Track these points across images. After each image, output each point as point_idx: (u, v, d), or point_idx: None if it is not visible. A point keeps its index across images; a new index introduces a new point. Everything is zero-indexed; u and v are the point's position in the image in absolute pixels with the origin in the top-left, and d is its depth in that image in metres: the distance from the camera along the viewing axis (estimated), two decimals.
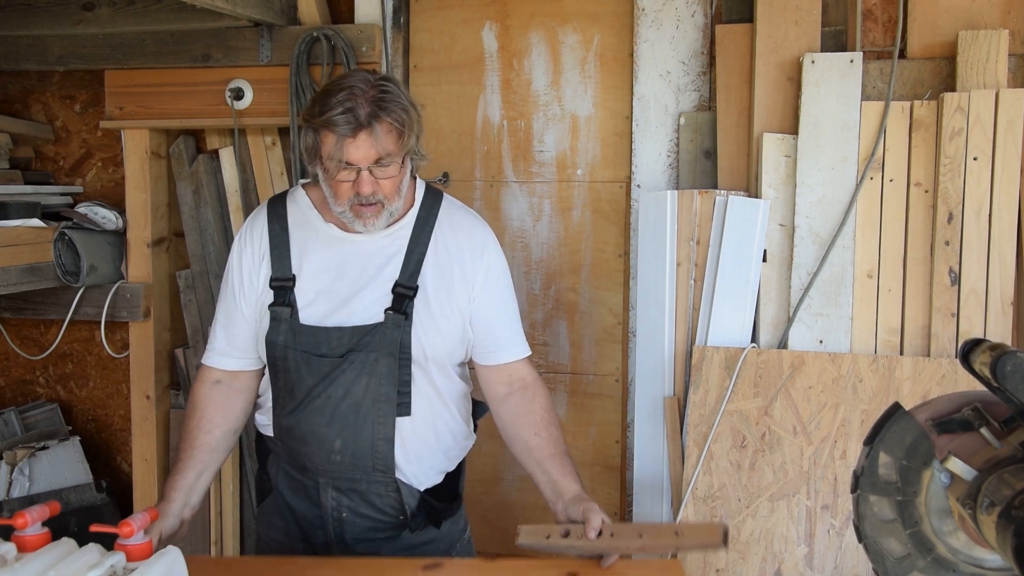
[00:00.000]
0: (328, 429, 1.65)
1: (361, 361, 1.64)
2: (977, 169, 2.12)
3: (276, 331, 1.67)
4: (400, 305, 1.65)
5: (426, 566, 1.57)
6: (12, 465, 2.69)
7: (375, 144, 1.56)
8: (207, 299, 2.85)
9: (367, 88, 1.57)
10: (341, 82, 1.59)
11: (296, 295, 1.68)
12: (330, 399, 1.65)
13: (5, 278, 2.41)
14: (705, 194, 2.28)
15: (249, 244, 1.75)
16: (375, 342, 1.64)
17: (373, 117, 1.55)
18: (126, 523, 1.30)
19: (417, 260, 1.68)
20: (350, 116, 1.54)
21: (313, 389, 1.66)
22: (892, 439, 0.88)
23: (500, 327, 1.77)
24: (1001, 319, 2.13)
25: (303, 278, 1.69)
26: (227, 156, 2.79)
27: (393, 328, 1.64)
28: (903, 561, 0.88)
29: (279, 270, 1.70)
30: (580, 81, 2.68)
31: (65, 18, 2.65)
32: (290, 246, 1.71)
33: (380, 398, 1.65)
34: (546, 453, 1.72)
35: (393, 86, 1.61)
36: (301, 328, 1.66)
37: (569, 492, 1.65)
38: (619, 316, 2.71)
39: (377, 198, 1.61)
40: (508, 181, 2.76)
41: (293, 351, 1.66)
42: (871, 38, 2.35)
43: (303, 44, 2.56)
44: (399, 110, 1.58)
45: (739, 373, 2.17)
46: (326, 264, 1.69)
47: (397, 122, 1.57)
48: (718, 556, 2.16)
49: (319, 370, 1.65)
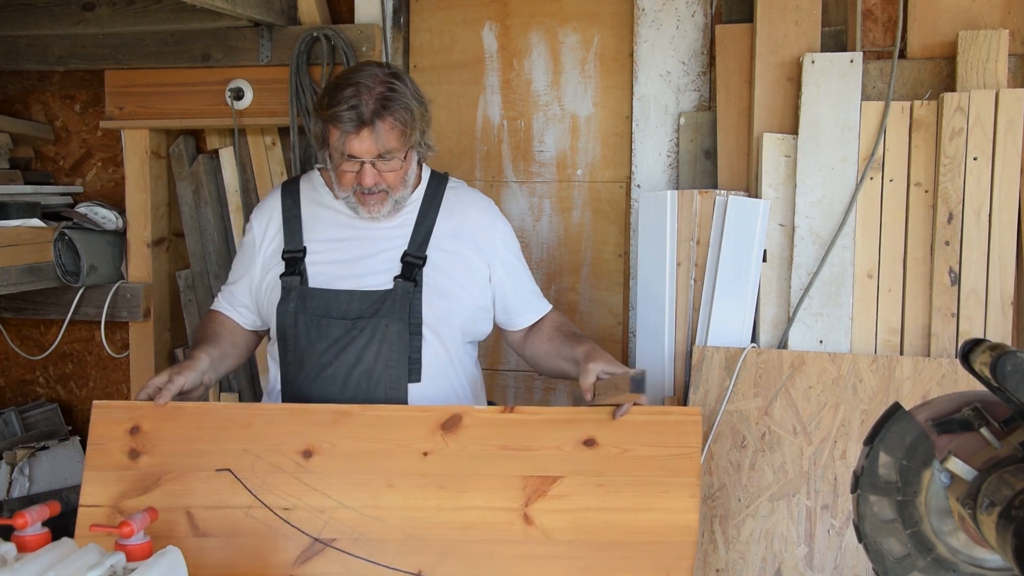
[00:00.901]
0: (341, 396, 1.69)
1: (372, 327, 1.68)
2: (977, 169, 2.12)
3: (287, 300, 1.73)
4: (410, 273, 1.71)
5: (444, 423, 1.63)
6: (12, 465, 2.69)
7: (377, 141, 1.63)
8: (207, 299, 2.85)
9: (374, 84, 1.63)
10: (350, 76, 1.65)
11: (306, 264, 1.74)
12: (341, 367, 1.70)
13: (5, 278, 2.41)
14: (705, 194, 2.28)
15: (263, 217, 1.83)
16: (385, 308, 1.69)
17: (376, 115, 1.61)
18: (126, 523, 1.30)
19: (426, 232, 1.76)
20: (354, 113, 1.60)
21: (324, 355, 1.70)
22: (892, 439, 0.88)
23: (519, 294, 1.89)
24: (1001, 319, 2.13)
25: (313, 249, 1.76)
26: (227, 156, 2.79)
27: (403, 294, 1.70)
28: (903, 561, 0.88)
29: (291, 243, 1.77)
30: (580, 81, 2.68)
31: (65, 18, 2.65)
32: (302, 220, 1.79)
33: (392, 363, 1.69)
34: (558, 342, 1.83)
35: (401, 84, 1.66)
36: (311, 292, 1.72)
37: (579, 357, 1.73)
38: (619, 316, 2.71)
39: (380, 188, 1.68)
40: (508, 181, 2.77)
41: (303, 315, 1.71)
42: (871, 38, 2.35)
43: (303, 44, 2.56)
44: (402, 109, 1.63)
45: (739, 373, 2.17)
46: (336, 236, 1.76)
47: (400, 120, 1.63)
48: (718, 556, 2.16)
49: (329, 334, 1.70)
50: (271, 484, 1.61)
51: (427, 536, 1.59)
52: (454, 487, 1.60)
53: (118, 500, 1.61)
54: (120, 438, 1.64)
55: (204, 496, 1.61)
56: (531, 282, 1.94)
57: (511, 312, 1.90)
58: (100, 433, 1.65)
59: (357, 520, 1.59)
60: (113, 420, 1.66)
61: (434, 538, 1.59)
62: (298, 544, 1.58)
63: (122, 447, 1.64)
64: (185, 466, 1.62)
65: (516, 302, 1.89)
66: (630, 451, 1.61)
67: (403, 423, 1.63)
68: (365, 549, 1.57)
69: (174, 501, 1.61)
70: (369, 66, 1.69)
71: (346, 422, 1.63)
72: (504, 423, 1.64)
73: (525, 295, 1.91)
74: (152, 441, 1.64)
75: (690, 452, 1.61)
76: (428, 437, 1.62)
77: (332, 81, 1.71)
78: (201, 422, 1.65)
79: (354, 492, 1.59)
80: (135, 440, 1.64)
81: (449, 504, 1.60)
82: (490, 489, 1.60)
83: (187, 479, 1.62)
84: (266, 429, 1.63)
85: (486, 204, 1.89)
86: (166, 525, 1.57)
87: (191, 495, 1.61)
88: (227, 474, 1.60)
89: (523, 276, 1.91)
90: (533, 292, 1.94)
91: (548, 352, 1.86)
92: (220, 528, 1.60)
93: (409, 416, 1.65)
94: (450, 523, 1.59)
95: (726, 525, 2.16)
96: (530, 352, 1.92)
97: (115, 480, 1.62)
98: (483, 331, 1.90)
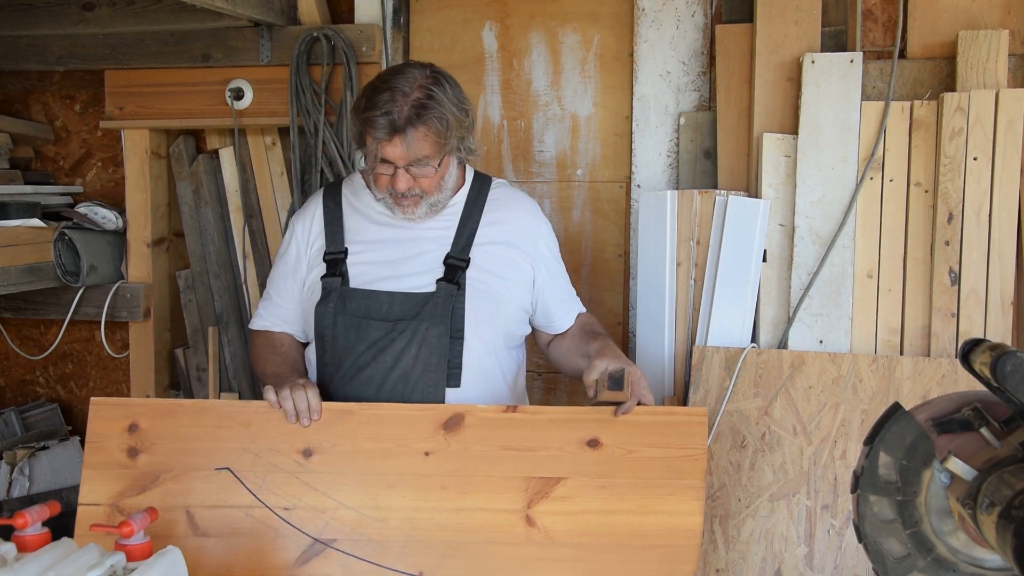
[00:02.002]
0: (377, 398, 1.68)
1: (412, 330, 1.66)
2: (977, 169, 2.12)
3: (326, 300, 1.71)
4: (452, 276, 1.69)
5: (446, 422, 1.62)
6: (12, 465, 2.69)
7: (410, 147, 1.61)
8: (207, 299, 2.85)
9: (411, 90, 1.61)
10: (389, 79, 1.63)
11: (348, 266, 1.72)
12: (379, 368, 1.68)
13: (5, 278, 2.41)
14: (705, 194, 2.28)
15: (305, 221, 1.81)
16: (426, 311, 1.67)
17: (410, 122, 1.59)
18: (126, 523, 1.30)
19: (469, 235, 1.74)
20: (387, 120, 1.58)
21: (362, 356, 1.68)
22: (892, 439, 0.88)
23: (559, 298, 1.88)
24: (1001, 319, 2.13)
25: (355, 250, 1.74)
26: (227, 156, 2.79)
27: (445, 297, 1.67)
28: (903, 561, 0.88)
29: (332, 244, 1.75)
30: (580, 81, 2.68)
31: (65, 18, 2.65)
32: (344, 222, 1.77)
33: (430, 367, 1.67)
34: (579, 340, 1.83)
35: (440, 90, 1.64)
36: (351, 293, 1.70)
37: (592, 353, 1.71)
38: (619, 316, 2.71)
39: (414, 192, 1.67)
40: (508, 181, 2.76)
41: (343, 316, 1.69)
42: (871, 38, 2.35)
43: (303, 44, 2.56)
44: (436, 118, 1.61)
45: (739, 373, 2.17)
46: (377, 237, 1.74)
47: (434, 129, 1.61)
48: (718, 556, 2.16)
49: (368, 336, 1.68)
50: (271, 484, 1.60)
51: (428, 537, 1.58)
52: (456, 488, 1.60)
53: (117, 499, 1.61)
54: (118, 436, 1.64)
55: (203, 495, 1.60)
56: (568, 285, 1.92)
57: (551, 316, 1.88)
58: (98, 430, 1.65)
59: (358, 520, 1.59)
60: (111, 417, 1.65)
61: (435, 539, 1.58)
62: (298, 544, 1.57)
63: (120, 445, 1.63)
64: (184, 465, 1.62)
65: (556, 306, 1.87)
66: (634, 452, 1.60)
67: (404, 422, 1.62)
68: (366, 550, 1.57)
69: (173, 500, 1.60)
70: (411, 68, 1.66)
71: (346, 421, 1.62)
72: (507, 423, 1.62)
73: (565, 299, 1.90)
74: (150, 439, 1.64)
75: (695, 453, 1.60)
76: (430, 437, 1.61)
77: (372, 82, 1.68)
78: (199, 420, 1.64)
79: (355, 492, 1.58)
80: (133, 438, 1.64)
81: (451, 505, 1.59)
82: (492, 490, 1.59)
83: (186, 478, 1.61)
84: (266, 427, 1.62)
85: (529, 205, 1.87)
86: (166, 524, 1.57)
87: (190, 494, 1.60)
88: (227, 473, 1.60)
89: (563, 280, 1.90)
90: (571, 296, 1.92)
91: (568, 350, 1.85)
92: (220, 528, 1.59)
93: (410, 415, 1.63)
94: (452, 524, 1.58)
95: (726, 525, 2.16)
96: (554, 352, 1.91)
97: (114, 478, 1.62)
98: (523, 334, 1.88)
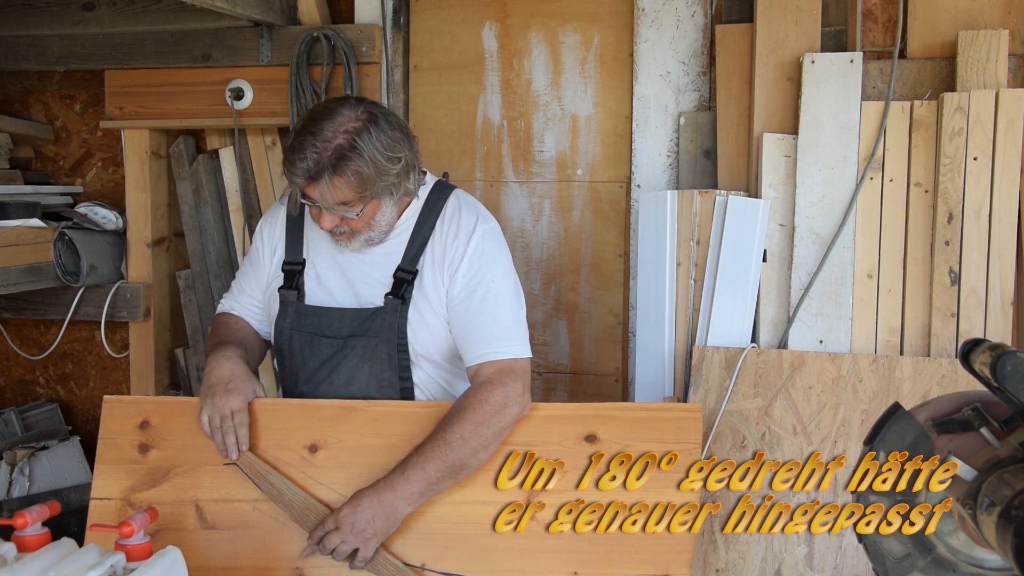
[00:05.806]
0: None
1: (363, 347, 1.67)
2: (977, 169, 2.12)
3: (284, 315, 1.72)
4: (399, 289, 1.67)
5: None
6: (12, 465, 2.69)
7: (326, 195, 1.55)
8: (207, 299, 2.85)
9: (335, 135, 1.52)
10: (317, 120, 1.54)
11: (304, 279, 1.73)
12: (333, 385, 1.69)
13: (5, 278, 2.41)
14: (705, 194, 2.28)
15: (269, 226, 1.81)
16: (375, 327, 1.66)
17: (326, 171, 1.52)
18: (126, 523, 1.30)
19: (420, 245, 1.70)
20: (303, 166, 1.52)
21: (316, 373, 1.69)
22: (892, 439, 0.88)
23: (460, 328, 1.67)
24: (1001, 319, 2.13)
25: (312, 263, 1.73)
26: (227, 156, 2.79)
27: (391, 312, 1.66)
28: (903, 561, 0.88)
29: (292, 254, 1.75)
30: (580, 81, 2.68)
31: (65, 18, 2.65)
32: (303, 233, 1.76)
33: (384, 384, 1.68)
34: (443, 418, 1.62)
35: (366, 137, 1.53)
36: (306, 309, 1.70)
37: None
38: (619, 316, 2.71)
39: (342, 230, 1.62)
40: (508, 181, 2.76)
41: (298, 332, 1.70)
42: (871, 38, 2.35)
43: (303, 44, 2.56)
44: (353, 170, 1.52)
45: (739, 373, 2.17)
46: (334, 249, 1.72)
47: (353, 180, 1.53)
48: (718, 556, 2.16)
49: (321, 352, 1.68)
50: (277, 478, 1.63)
51: (429, 530, 1.61)
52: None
53: (128, 493, 1.65)
54: (130, 432, 1.68)
55: (212, 489, 1.64)
56: (495, 320, 1.64)
57: (459, 343, 1.69)
58: (110, 427, 1.69)
59: None
60: (123, 415, 1.70)
61: (436, 532, 1.61)
62: (304, 537, 1.60)
63: (132, 441, 1.68)
64: (194, 460, 1.66)
65: (459, 334, 1.67)
66: (630, 447, 1.62)
67: (407, 419, 1.65)
68: None
69: (183, 494, 1.64)
70: (343, 108, 1.55)
71: (351, 417, 1.65)
72: None
73: (472, 330, 1.65)
74: (161, 435, 1.68)
75: (690, 448, 1.63)
76: None
77: (302, 117, 1.59)
78: None
79: (359, 486, 1.59)
80: (145, 434, 1.68)
81: (451, 498, 1.62)
82: (491, 483, 1.61)
83: (195, 473, 1.65)
84: (272, 423, 1.66)
85: (468, 222, 1.68)
86: (175, 518, 1.62)
87: (199, 488, 1.64)
88: (234, 467, 1.63)
89: (483, 312, 1.64)
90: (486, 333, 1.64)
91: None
92: (228, 521, 1.63)
93: (413, 412, 1.67)
94: (452, 517, 1.62)
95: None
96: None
97: (125, 474, 1.66)
98: None
